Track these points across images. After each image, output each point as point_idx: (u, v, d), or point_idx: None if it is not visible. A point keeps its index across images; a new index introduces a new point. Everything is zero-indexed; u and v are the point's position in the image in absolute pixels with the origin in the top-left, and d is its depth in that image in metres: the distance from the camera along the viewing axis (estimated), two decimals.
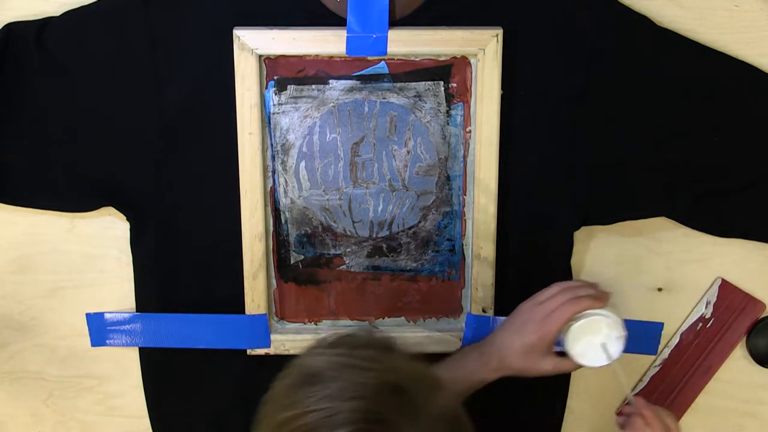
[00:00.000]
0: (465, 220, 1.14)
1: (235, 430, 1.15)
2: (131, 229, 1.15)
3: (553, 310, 1.03)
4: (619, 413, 1.07)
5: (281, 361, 1.16)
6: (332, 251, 1.16)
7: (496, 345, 1.06)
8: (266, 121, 1.11)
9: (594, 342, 1.03)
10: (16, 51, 1.09)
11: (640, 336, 1.21)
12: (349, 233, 1.15)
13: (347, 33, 1.06)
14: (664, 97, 1.12)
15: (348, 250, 1.16)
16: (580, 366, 1.05)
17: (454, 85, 1.10)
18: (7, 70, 1.09)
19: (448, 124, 1.12)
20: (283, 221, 1.14)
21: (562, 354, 1.05)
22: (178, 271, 1.15)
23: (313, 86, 1.10)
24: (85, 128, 1.11)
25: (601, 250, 1.20)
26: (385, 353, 0.82)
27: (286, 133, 1.11)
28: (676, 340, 1.23)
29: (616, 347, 1.04)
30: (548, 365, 1.05)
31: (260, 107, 1.09)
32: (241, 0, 1.08)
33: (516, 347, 1.05)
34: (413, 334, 1.17)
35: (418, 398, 0.77)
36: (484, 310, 1.16)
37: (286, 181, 1.13)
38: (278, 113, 1.11)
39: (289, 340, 1.17)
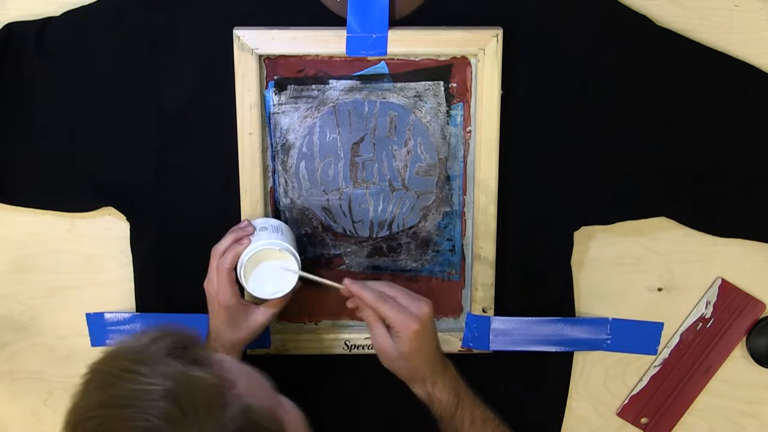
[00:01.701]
0: (465, 220, 1.14)
1: None
2: (131, 229, 1.15)
3: (220, 261, 1.03)
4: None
5: (281, 361, 1.17)
6: (332, 251, 1.16)
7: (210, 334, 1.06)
8: (266, 121, 1.11)
9: (266, 274, 1.04)
10: (16, 51, 1.09)
11: (640, 336, 1.21)
12: (349, 233, 1.15)
13: (347, 33, 1.06)
14: (663, 97, 1.12)
15: (348, 250, 1.16)
16: (268, 300, 1.05)
17: (454, 85, 1.10)
18: (7, 70, 1.09)
19: (448, 124, 1.12)
20: (283, 221, 1.14)
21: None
22: (178, 271, 1.15)
23: (313, 86, 1.10)
24: (85, 128, 1.11)
25: (601, 250, 1.20)
26: (164, 362, 0.75)
27: (286, 133, 1.11)
28: (676, 340, 1.23)
29: (289, 277, 1.04)
30: (259, 317, 1.05)
31: (260, 107, 1.09)
32: (241, 0, 1.08)
33: (214, 318, 1.05)
34: None
35: (190, 411, 0.71)
36: (484, 310, 1.16)
37: (286, 181, 1.13)
38: (278, 113, 1.11)
39: (289, 340, 1.17)
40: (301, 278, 1.05)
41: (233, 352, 1.06)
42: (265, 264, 1.05)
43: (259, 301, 1.07)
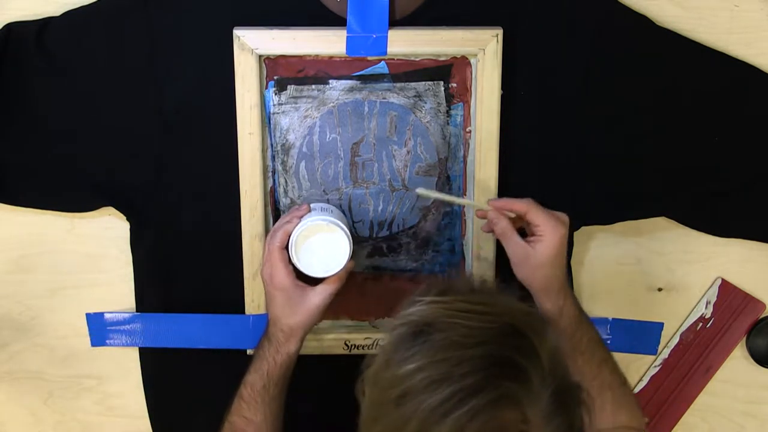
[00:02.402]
0: (465, 220, 1.14)
1: None
2: (131, 229, 1.15)
3: (270, 241, 1.05)
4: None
5: None
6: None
7: (271, 319, 1.07)
8: (266, 121, 1.11)
9: (318, 252, 1.04)
10: (16, 51, 1.09)
11: (640, 336, 1.21)
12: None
13: (347, 33, 1.06)
14: (663, 97, 1.12)
15: None
16: (331, 277, 1.04)
17: (454, 85, 1.10)
18: (7, 70, 1.09)
19: (448, 124, 1.12)
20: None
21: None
22: (178, 271, 1.15)
23: (313, 86, 1.10)
24: (85, 128, 1.11)
25: (601, 250, 1.20)
26: (494, 297, 0.81)
27: (286, 133, 1.11)
28: (676, 340, 1.23)
29: (340, 254, 1.04)
30: (315, 299, 1.05)
31: (260, 107, 1.09)
32: (241, 0, 1.08)
33: (271, 304, 1.05)
34: None
35: (534, 338, 0.76)
36: None
37: (286, 181, 1.13)
38: (278, 113, 1.11)
39: None
40: (355, 254, 1.06)
41: (293, 339, 1.05)
42: (316, 242, 1.04)
43: (314, 283, 1.06)
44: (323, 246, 1.04)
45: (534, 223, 1.02)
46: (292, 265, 1.05)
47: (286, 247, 1.04)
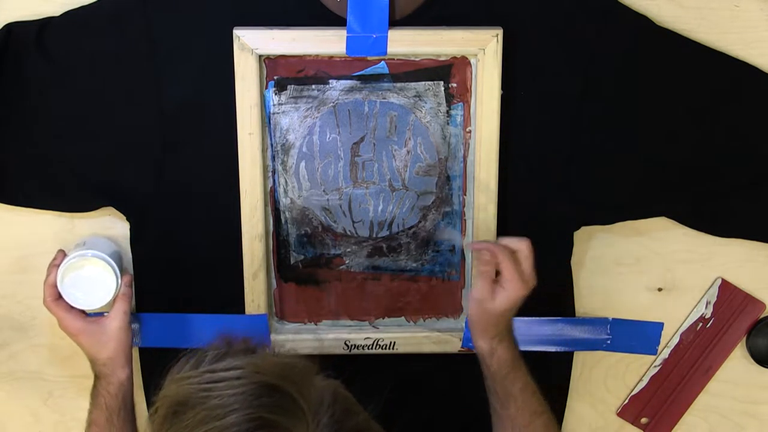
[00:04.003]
0: (465, 220, 1.14)
1: None
2: (131, 229, 1.15)
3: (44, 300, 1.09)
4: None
5: None
6: (332, 251, 1.16)
7: None
8: (266, 121, 1.11)
9: (87, 283, 1.08)
10: (16, 51, 1.09)
11: (640, 336, 1.21)
12: (349, 233, 1.15)
13: (347, 33, 1.06)
14: (663, 97, 1.12)
15: (348, 250, 1.16)
16: (117, 297, 1.09)
17: (454, 85, 1.10)
18: (7, 70, 1.09)
19: (448, 124, 1.12)
20: (283, 221, 1.14)
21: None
22: (178, 272, 1.15)
23: (313, 86, 1.10)
24: (85, 128, 1.11)
25: (601, 250, 1.20)
26: (246, 358, 0.79)
27: (286, 133, 1.11)
28: (676, 340, 1.23)
29: (108, 280, 1.08)
30: (113, 323, 1.08)
31: (260, 107, 1.09)
32: (241, 0, 1.08)
33: (83, 349, 1.10)
34: (413, 334, 1.17)
35: (293, 390, 0.74)
36: None
37: (286, 181, 1.13)
38: (278, 113, 1.11)
39: (289, 340, 1.17)
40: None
41: (117, 368, 1.09)
42: (81, 277, 1.09)
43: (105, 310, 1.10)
44: (90, 277, 1.09)
45: (503, 274, 1.04)
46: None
47: (61, 297, 1.09)
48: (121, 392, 1.08)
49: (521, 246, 1.04)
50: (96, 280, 1.09)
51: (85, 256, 1.08)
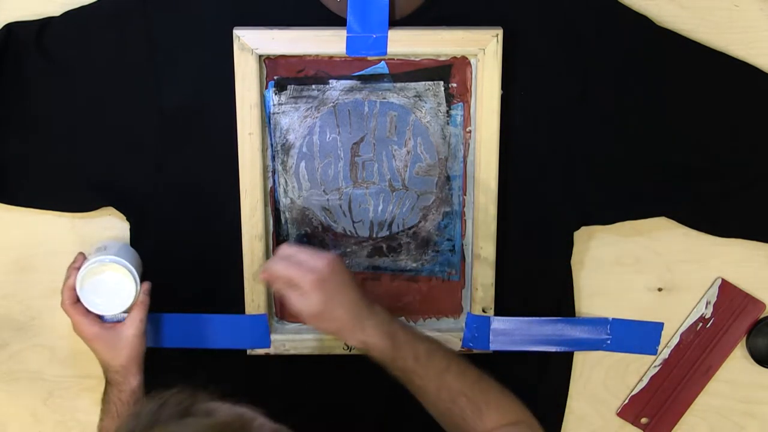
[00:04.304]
0: (465, 220, 1.14)
1: None
2: (131, 229, 1.15)
3: (61, 303, 1.08)
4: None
5: (281, 361, 1.17)
6: (332, 251, 1.16)
7: None
8: (266, 121, 1.11)
9: (106, 289, 1.08)
10: (16, 51, 1.09)
11: (640, 336, 1.21)
12: (349, 233, 1.15)
13: (347, 33, 1.06)
14: (663, 97, 1.12)
15: (348, 250, 1.16)
16: (135, 305, 1.09)
17: (454, 85, 1.10)
18: (7, 70, 1.09)
19: (448, 124, 1.12)
20: (283, 221, 1.14)
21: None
22: (179, 272, 1.15)
23: (313, 86, 1.10)
24: (85, 128, 1.11)
25: (601, 250, 1.19)
26: (176, 426, 0.77)
27: (286, 133, 1.11)
28: (676, 340, 1.23)
29: (128, 286, 1.08)
30: (129, 331, 1.08)
31: (260, 107, 1.09)
32: (241, 0, 1.08)
33: (95, 353, 1.09)
34: None
35: None
36: (484, 310, 1.16)
37: (286, 181, 1.13)
38: (278, 113, 1.11)
39: (289, 340, 1.17)
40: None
41: (129, 375, 1.08)
42: (101, 282, 1.08)
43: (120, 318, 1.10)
44: (109, 283, 1.08)
45: (289, 278, 1.01)
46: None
47: (79, 301, 1.08)
48: (133, 400, 1.07)
49: (284, 250, 1.03)
50: (115, 286, 1.08)
51: (106, 261, 1.07)
